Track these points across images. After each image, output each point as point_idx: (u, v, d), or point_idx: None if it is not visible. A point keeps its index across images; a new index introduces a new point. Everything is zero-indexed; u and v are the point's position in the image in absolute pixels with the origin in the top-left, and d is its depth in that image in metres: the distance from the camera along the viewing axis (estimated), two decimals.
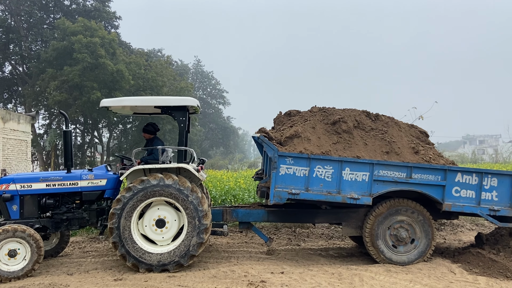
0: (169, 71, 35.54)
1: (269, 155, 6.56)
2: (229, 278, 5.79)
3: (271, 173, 6.50)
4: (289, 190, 6.45)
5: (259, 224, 9.41)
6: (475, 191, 6.66)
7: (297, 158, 6.49)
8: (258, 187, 7.18)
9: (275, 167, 6.47)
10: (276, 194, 6.44)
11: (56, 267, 6.66)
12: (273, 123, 8.07)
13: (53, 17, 33.38)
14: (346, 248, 8.11)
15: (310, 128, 6.98)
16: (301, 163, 6.50)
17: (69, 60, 27.28)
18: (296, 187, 6.50)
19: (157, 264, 6.13)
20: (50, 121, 32.65)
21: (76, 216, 6.61)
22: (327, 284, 5.52)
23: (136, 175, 6.50)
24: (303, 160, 6.50)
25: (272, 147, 6.51)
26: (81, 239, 8.75)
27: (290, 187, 6.49)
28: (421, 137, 7.54)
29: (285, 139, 6.83)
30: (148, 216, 6.31)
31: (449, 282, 5.70)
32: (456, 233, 9.30)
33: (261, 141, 6.65)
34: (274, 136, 6.95)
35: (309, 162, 6.49)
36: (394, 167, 6.56)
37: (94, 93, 26.28)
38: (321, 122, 7.14)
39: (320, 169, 6.52)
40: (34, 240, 6.00)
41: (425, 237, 6.71)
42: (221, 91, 58.64)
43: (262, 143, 6.64)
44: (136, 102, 6.87)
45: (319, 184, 6.53)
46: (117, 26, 35.91)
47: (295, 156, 6.49)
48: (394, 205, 6.69)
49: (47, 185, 6.53)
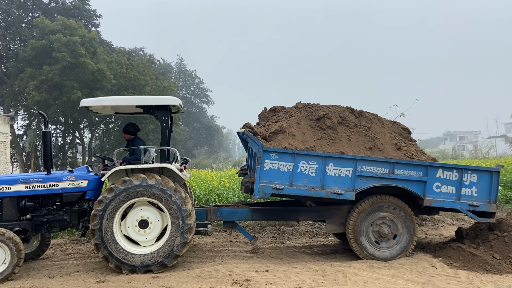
0: (152, 70, 35.13)
1: (253, 150, 6.57)
2: (213, 277, 5.78)
3: (255, 168, 6.50)
4: (273, 185, 6.47)
5: (244, 223, 9.42)
6: (456, 186, 6.79)
7: (282, 153, 6.52)
8: (243, 182, 7.18)
9: (260, 162, 6.47)
10: (261, 189, 6.45)
11: (37, 270, 6.53)
12: (258, 119, 8.06)
13: (32, 15, 32.68)
14: (330, 245, 8.18)
15: (295, 124, 7.01)
16: (285, 159, 6.53)
17: (49, 59, 26.74)
18: (280, 182, 6.52)
19: (141, 265, 6.07)
20: (30, 122, 31.98)
21: (57, 218, 6.50)
22: (311, 281, 5.55)
23: (118, 175, 6.42)
24: (288, 156, 6.52)
25: (257, 142, 6.52)
26: (63, 241, 8.61)
27: (275, 182, 6.50)
28: (404, 134, 7.65)
29: (270, 134, 6.84)
30: (131, 217, 6.25)
31: (431, 277, 5.80)
32: (437, 228, 9.47)
33: (246, 136, 6.65)
34: (259, 131, 6.95)
35: (293, 158, 6.52)
36: (377, 163, 6.65)
37: (74, 93, 25.81)
38: (306, 118, 7.18)
39: (304, 165, 6.56)
40: (14, 243, 5.88)
41: (407, 233, 6.81)
42: (205, 90, 58.36)
43: (247, 138, 6.64)
44: (117, 101, 6.77)
45: (303, 179, 6.56)
46: (97, 25, 35.36)
47: (279, 151, 6.51)
48: (376, 202, 6.78)
49: (26, 187, 6.41)
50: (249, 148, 7.24)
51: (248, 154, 7.67)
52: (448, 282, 5.57)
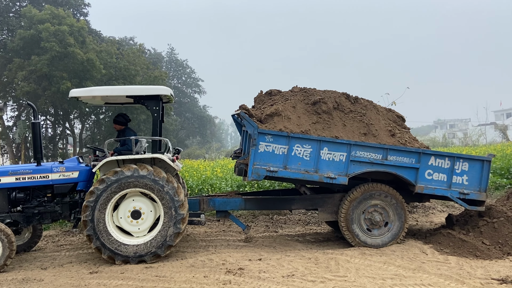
0: (142, 60, 34.79)
1: (248, 132, 6.55)
2: (207, 266, 5.80)
3: (250, 150, 6.50)
4: (267, 168, 6.48)
5: (237, 212, 9.44)
6: (447, 174, 6.85)
7: (277, 136, 6.52)
8: (236, 164, 7.18)
9: (255, 144, 6.47)
10: (254, 171, 6.46)
11: (30, 261, 6.51)
12: (253, 102, 8.02)
13: (19, 5, 32.01)
14: (323, 233, 8.24)
15: (291, 107, 6.98)
16: (280, 141, 6.53)
17: (37, 49, 26.31)
18: (274, 164, 6.53)
19: (134, 255, 6.07)
20: (19, 113, 31.56)
21: (48, 209, 6.46)
22: (304, 269, 5.60)
23: (109, 166, 6.38)
24: (283, 138, 6.53)
25: (252, 124, 6.50)
26: (55, 232, 8.57)
27: (269, 165, 6.51)
28: (398, 121, 7.67)
29: (266, 116, 6.82)
30: (123, 207, 6.23)
31: (421, 263, 5.88)
32: (428, 215, 9.58)
33: (240, 119, 6.62)
34: (254, 113, 6.92)
35: (288, 141, 6.53)
36: (371, 148, 6.67)
37: (64, 83, 25.48)
38: (302, 102, 7.15)
39: (299, 148, 6.57)
40: (5, 235, 5.84)
41: (398, 220, 6.88)
42: (196, 79, 57.98)
43: (243, 119, 6.61)
44: (107, 91, 6.70)
45: (297, 162, 6.58)
46: (86, 14, 34.84)
47: (274, 134, 6.51)
48: (368, 190, 6.82)
49: (16, 179, 6.35)
50: (243, 131, 7.21)
51: (242, 137, 7.65)
52: (438, 268, 5.65)
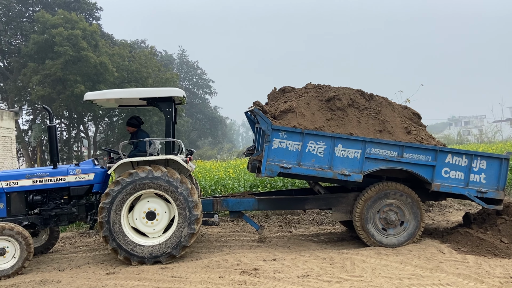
0: (154, 62, 35.08)
1: (262, 128, 6.54)
2: (222, 267, 5.81)
3: (263, 147, 6.48)
4: (281, 164, 6.46)
5: (250, 213, 9.44)
6: (464, 172, 6.75)
7: (291, 132, 6.49)
8: (250, 161, 7.16)
9: (268, 141, 6.45)
10: (268, 168, 6.45)
11: (47, 263, 6.60)
12: (267, 100, 8.00)
13: (32, 10, 32.58)
14: (337, 233, 8.19)
15: (305, 104, 6.95)
16: (294, 138, 6.51)
17: (51, 53, 26.73)
18: (288, 161, 6.51)
19: (149, 256, 6.11)
20: (34, 116, 32.12)
21: (65, 211, 6.54)
22: (319, 269, 5.57)
23: (124, 168, 6.43)
24: (297, 135, 6.50)
25: (266, 120, 6.48)
26: (71, 234, 8.68)
27: (282, 161, 6.49)
28: (414, 119, 7.57)
29: (279, 113, 6.80)
30: (138, 208, 6.27)
31: (439, 262, 5.80)
32: (444, 214, 9.45)
33: (253, 116, 6.60)
34: (268, 110, 6.91)
35: (302, 137, 6.50)
36: (386, 145, 6.61)
37: (77, 87, 25.85)
38: (316, 98, 7.11)
39: (312, 145, 6.54)
40: (23, 237, 5.93)
41: (414, 219, 6.80)
42: (207, 80, 58.21)
43: (256, 116, 6.60)
44: (121, 94, 6.76)
45: (311, 159, 6.54)
46: (98, 18, 35.28)
47: (288, 130, 6.49)
48: (382, 189, 6.76)
49: (33, 182, 6.44)
50: (257, 128, 7.18)
51: (255, 134, 7.63)
52: (456, 267, 5.57)
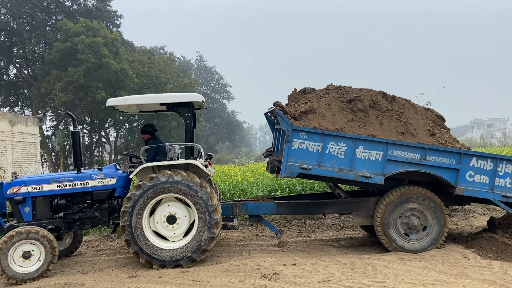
0: (172, 68, 35.56)
1: (282, 128, 6.52)
2: (242, 271, 5.81)
3: (283, 147, 6.47)
4: (300, 165, 6.43)
5: (269, 217, 9.43)
6: (489, 176, 6.60)
7: (311, 133, 6.46)
8: (269, 161, 7.14)
9: (288, 141, 6.43)
10: (288, 168, 6.42)
11: (71, 266, 6.72)
12: (287, 100, 7.99)
13: (55, 18, 33.46)
14: (358, 238, 8.10)
15: (325, 105, 6.91)
16: (314, 139, 6.47)
17: (73, 61, 27.38)
18: (308, 162, 6.47)
19: (170, 260, 6.16)
20: (57, 122, 32.88)
21: (88, 215, 6.65)
22: (340, 274, 5.52)
23: (145, 172, 6.52)
24: (317, 136, 6.46)
25: (286, 121, 6.46)
26: (94, 238, 8.82)
27: (302, 162, 6.46)
28: (437, 121, 7.44)
29: (300, 113, 6.78)
30: (159, 212, 6.34)
31: (463, 268, 5.68)
32: (468, 219, 9.26)
33: (273, 118, 6.60)
34: (288, 110, 6.89)
35: (322, 138, 6.46)
36: (409, 147, 6.51)
37: (99, 93, 26.40)
38: (337, 99, 7.06)
39: (333, 146, 6.49)
40: (48, 241, 6.06)
41: (437, 224, 6.67)
42: (225, 85, 58.60)
43: (277, 116, 6.59)
44: (142, 100, 6.87)
45: (331, 160, 6.50)
46: (118, 25, 35.98)
47: (309, 131, 6.46)
48: (404, 193, 6.66)
49: (58, 186, 6.58)
50: (276, 130, 7.15)
51: (275, 135, 7.62)
52: (481, 273, 5.44)
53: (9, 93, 33.64)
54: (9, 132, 16.79)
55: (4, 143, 16.41)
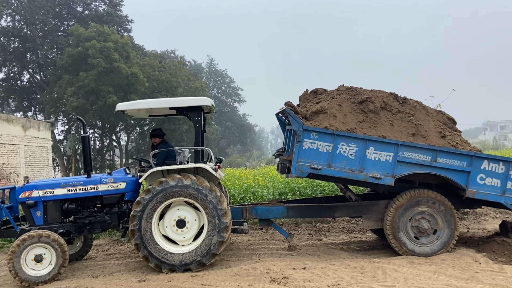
0: (183, 72, 35.76)
1: (293, 128, 6.54)
2: (251, 275, 5.81)
3: (294, 147, 6.48)
4: (311, 165, 6.43)
5: (279, 221, 9.41)
6: (501, 180, 6.52)
7: (322, 133, 6.46)
8: (280, 161, 7.15)
9: (299, 141, 6.44)
10: (298, 168, 6.42)
11: (81, 270, 6.78)
12: (298, 101, 7.99)
13: (67, 24, 33.96)
14: (368, 241, 8.04)
15: (337, 106, 6.91)
16: (325, 139, 6.47)
17: (85, 65, 27.72)
18: (318, 162, 6.46)
19: (180, 264, 6.18)
20: (69, 127, 33.27)
21: (98, 219, 6.71)
22: (349, 278, 5.48)
23: (154, 177, 6.56)
24: (328, 136, 6.46)
25: (297, 120, 6.48)
26: (104, 242, 8.90)
27: (313, 162, 6.46)
28: (448, 123, 7.40)
29: (311, 114, 6.79)
30: (169, 216, 6.37)
31: (474, 272, 5.60)
32: (480, 222, 9.13)
33: (286, 114, 6.60)
34: (299, 111, 6.91)
35: (333, 138, 6.46)
36: (420, 149, 6.47)
37: (110, 97, 26.66)
38: (348, 100, 7.06)
39: (344, 146, 6.49)
40: (59, 244, 6.13)
41: (448, 227, 6.60)
42: (236, 88, 58.73)
43: (288, 116, 6.60)
44: (151, 104, 6.92)
45: (342, 161, 6.48)
46: (129, 30, 36.34)
47: (319, 131, 6.46)
48: (414, 196, 6.60)
49: (68, 191, 6.65)
50: (287, 130, 7.15)
51: (285, 136, 7.64)
52: (493, 278, 5.36)
53: (23, 98, 34.20)
54: (22, 136, 17.04)
55: (17, 148, 16.66)
